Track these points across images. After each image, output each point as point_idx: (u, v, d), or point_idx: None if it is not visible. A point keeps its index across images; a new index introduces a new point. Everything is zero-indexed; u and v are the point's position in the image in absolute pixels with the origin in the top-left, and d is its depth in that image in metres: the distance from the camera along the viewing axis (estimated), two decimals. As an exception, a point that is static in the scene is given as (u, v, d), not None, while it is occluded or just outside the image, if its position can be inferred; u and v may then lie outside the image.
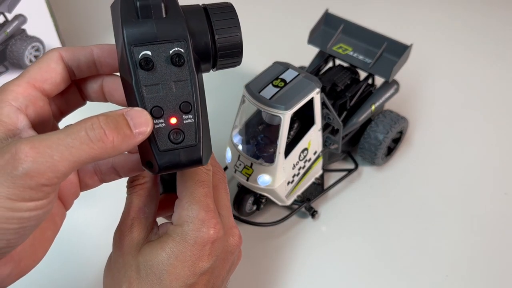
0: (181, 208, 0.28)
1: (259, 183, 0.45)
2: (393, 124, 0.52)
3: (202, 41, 0.26)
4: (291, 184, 0.48)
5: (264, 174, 0.45)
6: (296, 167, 0.47)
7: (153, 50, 0.24)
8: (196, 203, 0.28)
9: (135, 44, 0.24)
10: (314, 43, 0.54)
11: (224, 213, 0.30)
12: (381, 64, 0.51)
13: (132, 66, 0.24)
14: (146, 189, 0.30)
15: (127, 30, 0.24)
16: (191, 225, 0.27)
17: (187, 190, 0.28)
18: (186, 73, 0.25)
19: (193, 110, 0.25)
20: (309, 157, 0.48)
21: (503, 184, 0.55)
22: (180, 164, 0.25)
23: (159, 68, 0.25)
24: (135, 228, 0.29)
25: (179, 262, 0.27)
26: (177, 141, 0.25)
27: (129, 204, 0.29)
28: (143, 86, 0.24)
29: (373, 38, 0.51)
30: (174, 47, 0.25)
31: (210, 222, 0.28)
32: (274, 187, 0.45)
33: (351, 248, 0.49)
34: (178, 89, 0.25)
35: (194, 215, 0.28)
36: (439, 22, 0.80)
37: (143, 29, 0.24)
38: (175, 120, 0.25)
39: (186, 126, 0.25)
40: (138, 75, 0.24)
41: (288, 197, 0.49)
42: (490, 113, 0.64)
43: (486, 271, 0.47)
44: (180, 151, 0.25)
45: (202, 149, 0.26)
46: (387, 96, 0.53)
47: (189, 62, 0.25)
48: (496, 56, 0.74)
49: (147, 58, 0.24)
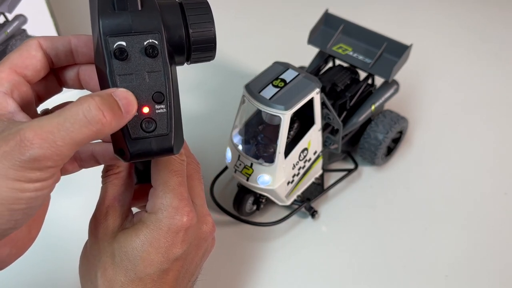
0: (155, 197, 0.29)
1: (259, 183, 0.45)
2: (393, 124, 0.52)
3: (177, 35, 0.27)
4: (291, 184, 0.48)
5: (264, 174, 0.45)
6: (296, 167, 0.47)
7: (127, 41, 0.25)
8: (170, 192, 0.28)
9: (110, 35, 0.25)
10: (314, 43, 0.54)
11: (198, 202, 0.31)
12: (381, 64, 0.51)
13: (107, 56, 0.25)
14: (121, 178, 0.31)
15: (103, 21, 0.25)
16: (165, 212, 0.28)
17: (162, 179, 0.29)
18: (159, 64, 0.26)
19: (166, 100, 0.26)
20: (309, 157, 0.48)
21: (503, 184, 0.55)
22: (151, 152, 0.26)
23: (133, 58, 0.25)
24: (110, 216, 0.29)
25: (153, 249, 0.28)
26: (149, 130, 0.26)
27: (104, 192, 0.30)
28: (117, 76, 0.25)
29: (373, 38, 0.51)
30: (148, 39, 0.26)
31: (183, 210, 0.28)
32: (274, 187, 0.45)
33: (351, 248, 0.49)
34: (151, 80, 0.26)
35: (168, 203, 0.28)
36: (439, 22, 0.80)
37: (119, 21, 0.25)
38: (147, 109, 0.26)
39: (158, 116, 0.26)
40: (112, 65, 0.25)
41: (288, 197, 0.49)
42: (490, 113, 0.64)
43: (486, 271, 0.47)
44: (151, 139, 0.26)
45: (174, 138, 0.26)
46: (387, 96, 0.53)
47: (163, 53, 0.26)
48: (496, 56, 0.74)
49: (121, 48, 0.25)
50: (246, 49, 0.73)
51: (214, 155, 0.56)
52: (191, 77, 0.67)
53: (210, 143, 0.58)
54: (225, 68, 0.69)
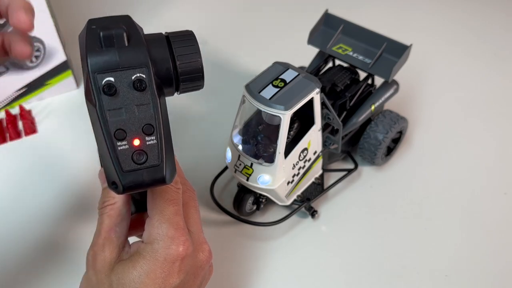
0: (151, 227, 0.29)
1: (259, 183, 0.45)
2: (392, 124, 0.52)
3: (164, 67, 0.28)
4: (291, 184, 0.48)
5: (264, 174, 0.45)
6: (296, 167, 0.47)
7: (116, 76, 0.26)
8: (165, 221, 0.29)
9: (98, 72, 0.26)
10: (314, 43, 0.54)
11: (194, 230, 0.32)
12: (380, 64, 0.51)
13: (96, 92, 0.26)
14: (117, 209, 0.31)
15: (91, 59, 0.26)
16: (161, 242, 0.29)
17: (157, 208, 0.29)
18: (148, 97, 0.27)
19: (156, 131, 0.27)
20: (309, 157, 0.48)
21: (502, 184, 0.55)
22: (143, 183, 0.27)
23: (122, 93, 0.26)
24: (107, 248, 0.30)
25: (150, 280, 0.28)
26: (140, 162, 0.26)
27: (100, 224, 0.30)
28: (106, 111, 0.26)
29: (373, 38, 0.51)
30: (136, 73, 0.26)
31: (179, 240, 0.29)
32: (274, 187, 0.45)
33: (351, 248, 0.49)
34: (141, 112, 0.27)
35: (164, 233, 0.29)
36: (439, 22, 0.80)
37: (106, 58, 0.26)
38: (138, 141, 0.26)
39: (149, 147, 0.27)
40: (101, 100, 0.26)
41: (288, 197, 0.49)
42: (489, 112, 0.64)
43: (486, 271, 0.47)
44: (143, 171, 0.26)
45: (165, 169, 0.27)
46: (387, 96, 0.53)
47: (151, 86, 0.27)
48: (496, 56, 0.74)
49: (110, 84, 0.26)
50: (246, 49, 0.73)
51: (214, 155, 0.56)
52: None
53: (210, 143, 0.58)
54: (225, 68, 0.69)
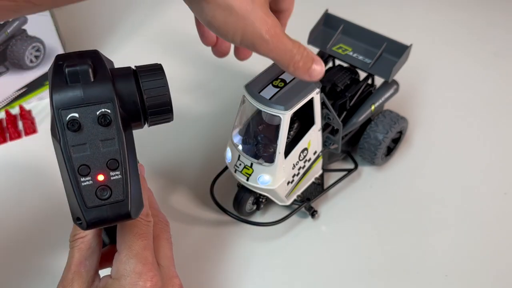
0: (119, 262, 0.29)
1: (259, 183, 0.45)
2: (392, 124, 0.52)
3: (131, 101, 0.28)
4: (291, 184, 0.48)
5: (264, 174, 0.45)
6: (296, 167, 0.47)
7: (80, 112, 0.26)
8: (133, 256, 0.29)
9: (63, 108, 0.26)
10: (314, 43, 0.54)
11: (165, 263, 0.31)
12: (380, 64, 0.51)
13: (60, 128, 0.26)
14: (87, 242, 0.31)
15: (55, 96, 0.26)
16: (128, 279, 0.28)
17: (126, 243, 0.29)
18: (113, 132, 0.27)
19: (120, 166, 0.27)
20: (309, 157, 0.48)
21: (502, 184, 0.55)
22: (107, 219, 0.26)
23: (87, 128, 0.26)
24: (75, 282, 0.29)
25: None
26: (103, 197, 0.26)
27: (70, 258, 0.30)
28: (70, 146, 0.26)
29: (373, 38, 0.51)
30: (101, 108, 0.27)
31: (147, 275, 0.29)
32: (274, 187, 0.45)
33: (351, 248, 0.49)
34: (105, 147, 0.27)
35: (131, 269, 0.29)
36: (439, 22, 0.80)
37: (71, 94, 0.26)
38: (102, 177, 0.26)
39: (113, 183, 0.26)
40: (66, 136, 0.26)
41: (288, 197, 0.49)
42: (489, 113, 0.64)
43: (485, 271, 0.47)
44: (107, 207, 0.26)
45: (130, 204, 0.27)
46: (387, 96, 0.53)
47: (116, 121, 0.27)
48: (495, 56, 0.74)
49: (74, 120, 0.26)
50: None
51: (214, 155, 0.56)
52: (191, 78, 0.67)
53: (211, 143, 0.59)
54: (225, 68, 0.69)
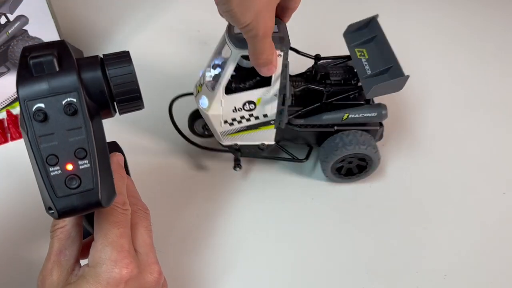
0: (95, 250, 0.30)
1: (200, 103, 0.51)
2: (347, 146, 0.50)
3: (98, 90, 0.28)
4: (229, 125, 0.51)
5: (204, 96, 0.50)
6: (238, 113, 0.50)
7: (46, 102, 0.27)
8: (109, 244, 0.29)
9: (29, 99, 0.26)
10: (345, 36, 0.55)
11: (143, 250, 0.32)
12: (373, 80, 0.49)
13: (27, 119, 0.26)
14: (66, 232, 0.31)
15: (21, 88, 0.27)
16: (104, 266, 0.29)
17: (102, 231, 0.30)
18: (80, 121, 0.27)
19: (89, 155, 0.27)
20: (256, 114, 0.51)
21: (502, 184, 0.54)
22: (78, 208, 0.27)
23: (53, 118, 0.27)
24: (55, 272, 0.30)
25: None
26: (73, 186, 0.27)
27: (50, 248, 0.31)
28: (38, 137, 0.26)
29: (387, 55, 0.50)
30: (66, 98, 0.27)
31: (122, 262, 0.29)
32: (208, 112, 0.50)
33: (351, 248, 0.51)
34: (73, 137, 0.27)
35: (107, 256, 0.29)
36: (439, 21, 0.76)
37: (36, 85, 0.27)
38: (71, 166, 0.27)
39: (82, 172, 0.27)
40: (32, 127, 0.26)
41: (225, 137, 0.53)
42: (489, 113, 0.62)
43: (485, 271, 0.47)
44: (77, 195, 0.27)
45: (100, 192, 0.27)
46: (366, 115, 0.51)
47: (83, 110, 0.27)
48: (495, 56, 0.70)
49: (40, 110, 0.26)
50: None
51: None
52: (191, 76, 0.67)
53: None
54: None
